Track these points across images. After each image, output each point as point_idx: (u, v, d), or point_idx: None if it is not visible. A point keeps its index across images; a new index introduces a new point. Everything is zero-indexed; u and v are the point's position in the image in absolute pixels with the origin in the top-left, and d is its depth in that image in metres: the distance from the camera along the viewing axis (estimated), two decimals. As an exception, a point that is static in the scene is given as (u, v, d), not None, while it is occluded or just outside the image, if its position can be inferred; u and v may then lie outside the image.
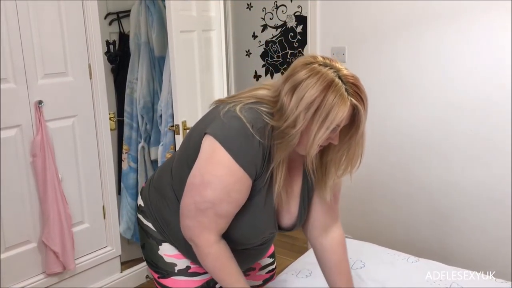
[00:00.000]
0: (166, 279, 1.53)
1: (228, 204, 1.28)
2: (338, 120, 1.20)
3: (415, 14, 2.49)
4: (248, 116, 1.26)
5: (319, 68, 1.22)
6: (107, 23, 3.03)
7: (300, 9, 3.96)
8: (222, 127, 1.27)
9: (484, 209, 2.45)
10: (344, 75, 1.22)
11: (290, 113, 1.21)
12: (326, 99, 1.18)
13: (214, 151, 1.26)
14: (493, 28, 2.29)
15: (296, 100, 1.20)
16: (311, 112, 1.19)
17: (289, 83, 1.23)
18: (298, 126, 1.21)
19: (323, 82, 1.19)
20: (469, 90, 2.40)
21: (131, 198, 3.07)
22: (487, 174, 2.41)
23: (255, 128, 1.25)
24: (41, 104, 2.38)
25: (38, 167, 2.38)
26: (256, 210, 1.35)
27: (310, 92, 1.19)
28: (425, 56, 2.50)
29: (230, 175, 1.25)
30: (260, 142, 1.25)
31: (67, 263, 2.50)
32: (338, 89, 1.19)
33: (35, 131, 2.38)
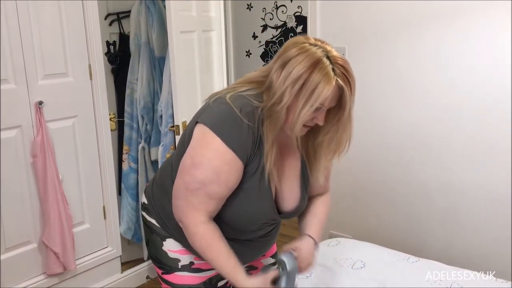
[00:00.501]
0: (169, 274, 1.54)
1: (218, 185, 1.30)
2: (322, 98, 1.23)
3: (415, 14, 2.49)
4: (236, 101, 1.30)
5: (308, 47, 1.26)
6: (107, 24, 3.03)
7: (300, 10, 3.97)
8: (211, 114, 1.32)
9: (484, 209, 2.45)
10: (333, 56, 1.25)
11: (277, 89, 1.25)
12: (312, 77, 1.22)
13: (204, 136, 1.30)
14: (493, 28, 2.29)
15: (284, 76, 1.25)
16: (297, 88, 1.23)
17: (279, 61, 1.28)
18: (284, 101, 1.24)
19: (311, 59, 1.23)
20: (469, 90, 2.40)
21: (132, 199, 3.07)
22: (486, 174, 2.41)
23: (243, 112, 1.28)
24: (41, 104, 2.38)
25: (38, 167, 2.38)
26: (252, 195, 1.37)
27: (297, 68, 1.23)
28: (425, 56, 2.50)
29: (220, 157, 1.28)
30: (249, 125, 1.28)
31: (67, 263, 2.50)
32: (325, 68, 1.22)
33: (36, 132, 2.38)
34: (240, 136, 1.28)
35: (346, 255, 1.95)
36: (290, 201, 1.48)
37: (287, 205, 1.49)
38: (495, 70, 2.31)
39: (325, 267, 1.87)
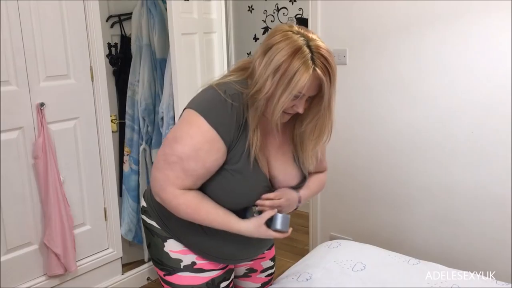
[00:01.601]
0: (172, 275, 1.54)
1: (195, 162, 1.32)
2: (299, 86, 1.25)
3: (416, 16, 2.49)
4: (221, 86, 1.35)
5: (291, 35, 1.28)
6: (109, 26, 3.03)
7: (301, 12, 3.97)
8: (197, 99, 1.38)
9: (485, 210, 2.45)
10: (316, 46, 1.27)
11: (259, 77, 1.28)
12: (291, 64, 1.24)
13: (189, 116, 1.35)
14: (493, 29, 2.29)
15: (265, 63, 1.27)
16: (278, 77, 1.25)
17: (262, 47, 1.31)
18: (265, 90, 1.27)
19: (291, 47, 1.25)
20: (469, 91, 2.40)
21: (133, 200, 3.07)
22: (487, 175, 2.41)
23: (227, 94, 1.33)
24: (43, 106, 2.39)
25: (40, 169, 2.38)
26: (244, 175, 1.38)
27: (278, 56, 1.25)
28: (426, 58, 2.50)
29: (201, 134, 1.31)
30: (233, 105, 1.32)
31: (68, 265, 2.51)
32: (304, 56, 1.24)
33: (37, 133, 2.39)
34: (223, 116, 1.32)
35: (346, 257, 1.95)
36: (288, 182, 1.51)
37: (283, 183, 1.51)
38: (495, 71, 2.31)
39: (325, 269, 1.87)
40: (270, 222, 1.41)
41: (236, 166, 1.37)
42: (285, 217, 1.42)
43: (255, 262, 1.74)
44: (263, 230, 1.41)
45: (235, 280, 1.75)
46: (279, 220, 1.41)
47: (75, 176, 2.61)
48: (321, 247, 2.12)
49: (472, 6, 2.32)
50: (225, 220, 1.40)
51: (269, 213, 1.41)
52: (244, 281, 1.77)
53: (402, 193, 2.72)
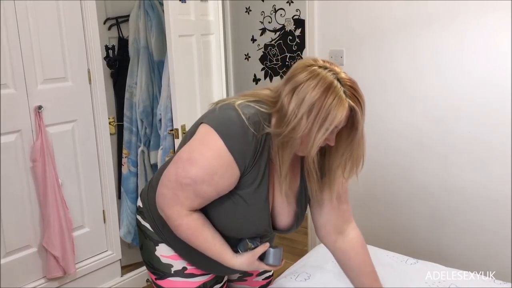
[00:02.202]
0: (162, 280, 1.53)
1: (208, 186, 1.30)
2: (336, 122, 1.24)
3: (413, 16, 2.50)
4: (244, 109, 1.30)
5: (319, 70, 1.25)
6: (106, 28, 3.04)
7: (298, 13, 3.98)
8: (218, 117, 1.32)
9: (484, 210, 2.45)
10: (342, 78, 1.26)
11: (292, 116, 1.24)
12: (326, 101, 1.22)
13: (207, 135, 1.30)
14: (491, 29, 2.29)
15: (297, 102, 1.24)
16: (314, 115, 1.22)
17: (290, 85, 1.27)
18: (301, 129, 1.24)
19: (323, 84, 1.23)
20: (468, 91, 2.40)
21: (131, 202, 3.07)
22: (486, 175, 2.42)
23: (251, 121, 1.28)
24: (40, 109, 2.39)
25: (38, 172, 2.38)
26: (247, 204, 1.37)
27: (311, 94, 1.22)
28: (423, 58, 2.51)
29: (218, 158, 1.28)
30: (254, 134, 1.28)
31: (67, 267, 2.51)
32: (337, 91, 1.23)
33: (35, 136, 2.39)
34: (243, 143, 1.28)
35: (345, 257, 1.94)
36: (285, 217, 1.49)
37: (281, 222, 1.49)
38: (493, 71, 2.31)
39: (323, 269, 1.87)
40: (263, 256, 1.42)
41: (247, 191, 1.35)
42: (278, 251, 1.42)
43: None
44: (256, 265, 1.42)
45: (230, 284, 1.74)
46: (271, 255, 1.41)
47: (74, 178, 2.61)
48: (319, 247, 2.12)
49: (469, 6, 2.33)
50: (220, 253, 1.39)
51: (262, 248, 1.40)
52: (240, 285, 1.76)
53: (400, 192, 2.72)
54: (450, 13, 2.38)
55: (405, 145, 2.65)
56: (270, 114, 1.32)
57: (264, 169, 1.35)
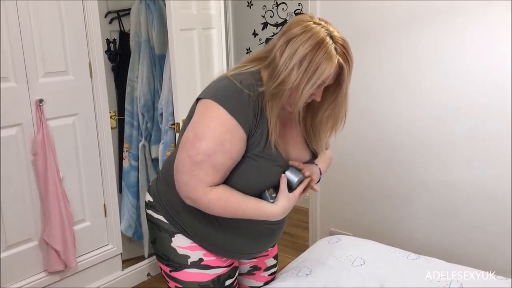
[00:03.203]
0: (178, 272, 1.54)
1: (222, 155, 1.32)
2: (325, 76, 1.29)
3: (416, 12, 2.48)
4: (236, 76, 1.36)
5: (313, 26, 1.31)
6: (108, 22, 3.03)
7: (300, 7, 3.96)
8: (212, 88, 1.38)
9: (484, 207, 2.45)
10: (335, 36, 1.32)
11: (283, 66, 1.29)
12: (317, 55, 1.27)
13: (206, 107, 1.34)
14: (493, 26, 2.28)
15: (289, 53, 1.29)
16: (304, 67, 1.27)
17: (284, 38, 1.32)
18: (291, 80, 1.29)
19: (316, 38, 1.28)
20: (469, 89, 2.40)
21: (132, 196, 3.07)
22: (487, 172, 2.41)
23: (244, 84, 1.34)
24: (41, 102, 2.39)
25: (39, 165, 2.38)
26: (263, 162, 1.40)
27: (303, 46, 1.28)
28: (425, 54, 2.50)
29: (222, 125, 1.31)
30: (250, 95, 1.33)
31: (68, 261, 2.51)
32: (328, 47, 1.28)
33: (36, 130, 2.39)
34: (241, 105, 1.32)
35: (346, 252, 1.95)
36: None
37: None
38: (495, 68, 2.30)
39: (324, 264, 1.87)
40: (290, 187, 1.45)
41: (256, 151, 1.38)
42: (292, 169, 1.45)
43: (259, 260, 1.75)
44: (293, 197, 1.45)
45: (239, 278, 1.75)
46: (292, 176, 1.45)
47: (75, 172, 2.61)
48: (321, 242, 2.13)
49: (470, 4, 2.32)
50: (258, 208, 1.41)
51: (283, 181, 1.44)
52: (247, 279, 1.78)
53: (401, 189, 2.72)
54: (452, 11, 2.37)
55: (407, 141, 2.65)
56: (259, 72, 1.38)
57: (267, 128, 1.38)
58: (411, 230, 2.73)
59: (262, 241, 1.59)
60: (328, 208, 3.06)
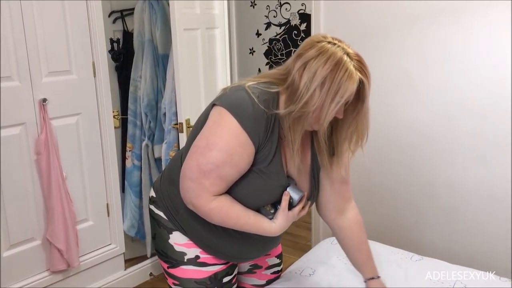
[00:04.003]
0: (175, 268, 1.55)
1: (230, 167, 1.33)
2: (348, 94, 1.30)
3: (419, 11, 2.48)
4: (254, 90, 1.36)
5: (328, 46, 1.32)
6: (111, 21, 3.03)
7: (304, 7, 3.96)
8: (229, 98, 1.37)
9: (487, 207, 2.44)
10: (350, 53, 1.33)
11: (304, 90, 1.30)
12: (338, 75, 1.28)
13: (220, 117, 1.34)
14: (497, 24, 2.27)
15: (309, 76, 1.29)
16: (326, 88, 1.28)
17: (300, 61, 1.32)
18: (314, 102, 1.29)
19: (334, 59, 1.29)
20: (472, 88, 2.39)
21: (135, 196, 3.08)
22: (490, 172, 2.41)
23: (261, 99, 1.34)
24: (45, 102, 2.39)
25: (42, 165, 2.38)
26: (264, 179, 1.40)
27: (323, 68, 1.28)
28: (429, 54, 2.49)
29: (235, 138, 1.32)
30: (265, 111, 1.33)
31: (71, 260, 2.51)
32: (347, 65, 1.29)
33: (39, 129, 2.39)
34: (255, 120, 1.33)
35: (349, 253, 1.94)
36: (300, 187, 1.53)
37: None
38: (499, 67, 2.30)
39: (328, 265, 1.87)
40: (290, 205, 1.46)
41: (260, 167, 1.39)
42: (292, 186, 1.45)
43: (260, 259, 1.75)
44: (291, 215, 1.45)
45: (240, 276, 1.75)
46: (292, 193, 1.45)
47: (78, 172, 2.61)
48: (324, 243, 2.12)
49: (474, 2, 2.31)
50: (257, 223, 1.43)
51: (285, 200, 1.44)
52: (249, 277, 1.78)
53: (404, 189, 2.72)
54: (457, 9, 2.37)
55: (411, 141, 2.64)
56: (278, 92, 1.37)
57: (276, 146, 1.39)
58: (414, 230, 2.72)
59: (258, 248, 1.60)
60: (331, 208, 3.05)
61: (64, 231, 2.46)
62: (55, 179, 2.41)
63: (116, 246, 2.84)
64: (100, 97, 2.66)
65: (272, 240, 1.60)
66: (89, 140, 2.65)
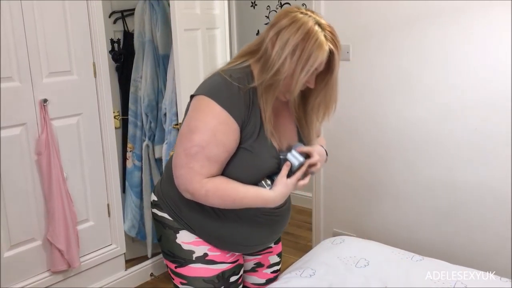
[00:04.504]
0: (183, 267, 1.56)
1: (216, 146, 1.36)
2: (318, 63, 1.35)
3: (419, 11, 2.48)
4: (226, 71, 1.42)
5: (300, 16, 1.36)
6: (112, 22, 3.03)
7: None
8: (204, 84, 1.44)
9: (487, 207, 2.44)
10: (322, 24, 1.37)
11: (276, 57, 1.34)
12: (308, 44, 1.32)
13: (199, 103, 1.40)
14: (497, 24, 2.27)
15: (281, 44, 1.33)
16: (297, 56, 1.33)
17: (273, 30, 1.37)
18: (285, 70, 1.34)
19: (305, 28, 1.33)
20: (473, 87, 2.39)
21: (136, 196, 3.08)
22: (490, 172, 2.40)
23: (234, 77, 1.39)
24: (46, 102, 2.39)
25: (43, 165, 2.39)
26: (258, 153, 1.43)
27: (294, 36, 1.33)
28: (428, 54, 2.49)
29: (215, 117, 1.36)
30: (240, 87, 1.38)
31: (72, 261, 2.51)
32: (318, 35, 1.34)
33: (40, 130, 2.39)
34: (232, 98, 1.37)
35: (349, 253, 1.95)
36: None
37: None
38: (499, 67, 2.30)
39: (328, 265, 1.87)
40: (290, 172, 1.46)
41: (249, 143, 1.41)
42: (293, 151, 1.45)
43: (263, 257, 1.77)
44: (291, 183, 1.45)
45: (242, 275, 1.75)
46: (292, 158, 1.45)
47: (78, 172, 2.61)
48: (324, 243, 2.12)
49: (474, 2, 2.31)
50: (257, 195, 1.43)
51: (285, 168, 1.44)
52: (250, 276, 1.79)
53: (405, 189, 2.72)
54: (457, 9, 2.37)
55: (410, 141, 2.64)
56: (249, 66, 1.42)
57: (260, 120, 1.42)
58: (414, 231, 2.72)
59: (264, 233, 1.60)
60: (331, 208, 3.06)
61: (65, 232, 2.46)
62: (56, 180, 2.41)
63: (116, 247, 2.84)
64: (101, 97, 2.66)
65: (277, 223, 1.61)
66: (90, 140, 2.65)
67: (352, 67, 2.76)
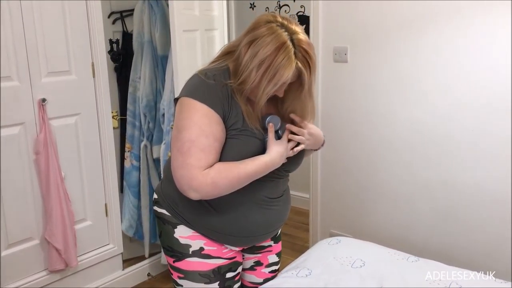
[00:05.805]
0: (181, 261, 1.59)
1: (206, 138, 1.40)
2: (283, 80, 1.37)
3: (417, 13, 2.49)
4: (201, 72, 1.47)
5: (275, 28, 1.37)
6: (111, 22, 3.04)
7: (303, 9, 3.97)
8: (184, 88, 1.49)
9: (485, 208, 2.45)
10: (298, 39, 1.37)
11: (244, 67, 1.38)
12: (275, 59, 1.34)
13: (180, 105, 1.45)
14: (495, 26, 2.29)
15: (251, 54, 1.37)
16: (262, 70, 1.35)
17: (248, 37, 1.39)
18: (250, 81, 1.37)
19: (276, 42, 1.34)
20: (471, 89, 2.40)
21: (134, 196, 3.08)
22: (488, 173, 2.41)
23: (209, 75, 1.44)
24: (44, 102, 2.40)
25: (41, 164, 2.39)
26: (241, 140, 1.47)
27: (264, 50, 1.34)
28: (427, 55, 2.50)
29: (197, 112, 1.40)
30: (215, 83, 1.42)
31: (69, 260, 2.52)
32: (288, 52, 1.35)
33: (39, 129, 2.40)
34: (209, 93, 1.41)
35: (346, 254, 1.96)
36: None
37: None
38: (497, 69, 2.31)
39: (325, 265, 1.87)
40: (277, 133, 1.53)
41: (236, 131, 1.45)
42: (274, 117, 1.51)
43: (263, 255, 1.78)
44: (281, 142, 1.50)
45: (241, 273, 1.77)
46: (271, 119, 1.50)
47: (76, 172, 2.62)
48: (320, 244, 2.13)
49: (472, 3, 2.32)
50: (259, 162, 1.46)
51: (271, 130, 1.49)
52: (249, 275, 1.80)
53: (402, 190, 2.73)
54: (456, 10, 2.38)
55: (407, 141, 2.65)
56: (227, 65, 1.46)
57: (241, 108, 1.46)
58: (411, 232, 2.73)
59: (259, 223, 1.60)
60: (328, 209, 3.07)
61: (63, 231, 2.47)
62: (54, 179, 2.42)
63: (114, 246, 2.84)
64: (99, 97, 2.67)
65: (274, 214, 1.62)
66: (88, 140, 2.66)
67: (349, 69, 2.78)
